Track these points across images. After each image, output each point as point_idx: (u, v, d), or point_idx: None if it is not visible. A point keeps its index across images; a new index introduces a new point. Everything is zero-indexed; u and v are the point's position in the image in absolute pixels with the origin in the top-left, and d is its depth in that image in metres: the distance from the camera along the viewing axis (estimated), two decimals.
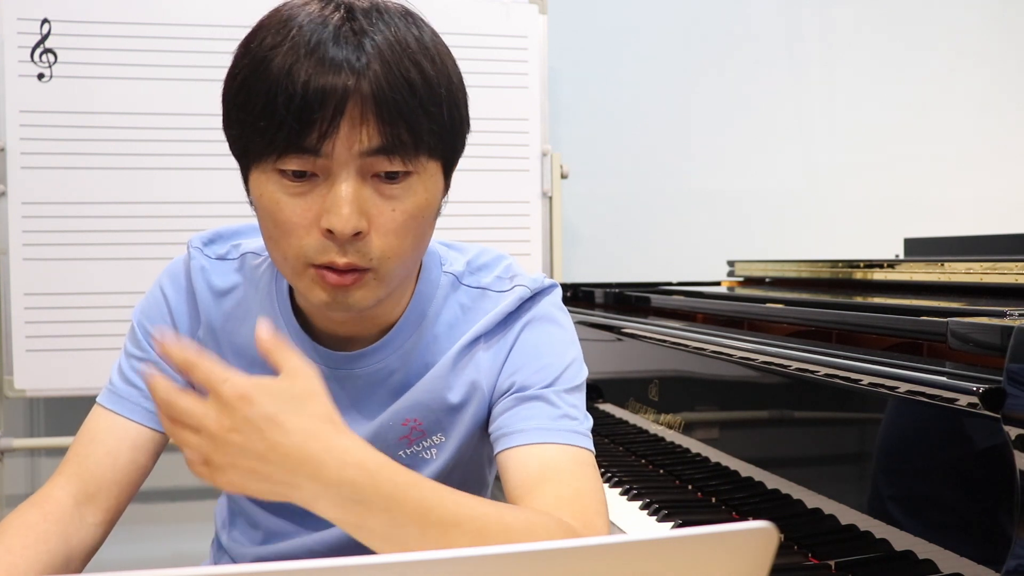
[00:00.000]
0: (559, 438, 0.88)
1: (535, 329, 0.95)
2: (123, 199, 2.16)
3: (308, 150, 0.77)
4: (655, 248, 2.78)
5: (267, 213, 0.82)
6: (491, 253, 1.01)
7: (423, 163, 0.81)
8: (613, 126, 2.75)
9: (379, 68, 0.77)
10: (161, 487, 2.44)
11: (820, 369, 1.08)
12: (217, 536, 1.10)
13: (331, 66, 0.76)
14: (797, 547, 1.08)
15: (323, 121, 0.76)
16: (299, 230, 0.80)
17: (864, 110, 2.90)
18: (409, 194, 0.81)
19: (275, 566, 0.38)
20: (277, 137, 0.77)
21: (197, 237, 0.99)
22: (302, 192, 0.79)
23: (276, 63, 0.77)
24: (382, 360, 0.93)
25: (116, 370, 0.98)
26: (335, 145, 0.77)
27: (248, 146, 0.81)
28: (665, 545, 0.43)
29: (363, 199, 0.79)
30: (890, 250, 2.41)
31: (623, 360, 1.72)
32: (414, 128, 0.79)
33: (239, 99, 0.80)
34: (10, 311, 2.13)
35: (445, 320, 0.95)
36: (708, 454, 1.34)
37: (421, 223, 0.83)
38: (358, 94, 0.76)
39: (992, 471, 0.81)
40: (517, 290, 0.95)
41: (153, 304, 0.98)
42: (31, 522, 0.87)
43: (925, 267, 1.48)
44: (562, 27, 2.62)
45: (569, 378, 0.93)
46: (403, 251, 0.83)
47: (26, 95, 2.13)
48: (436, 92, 0.80)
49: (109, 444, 0.93)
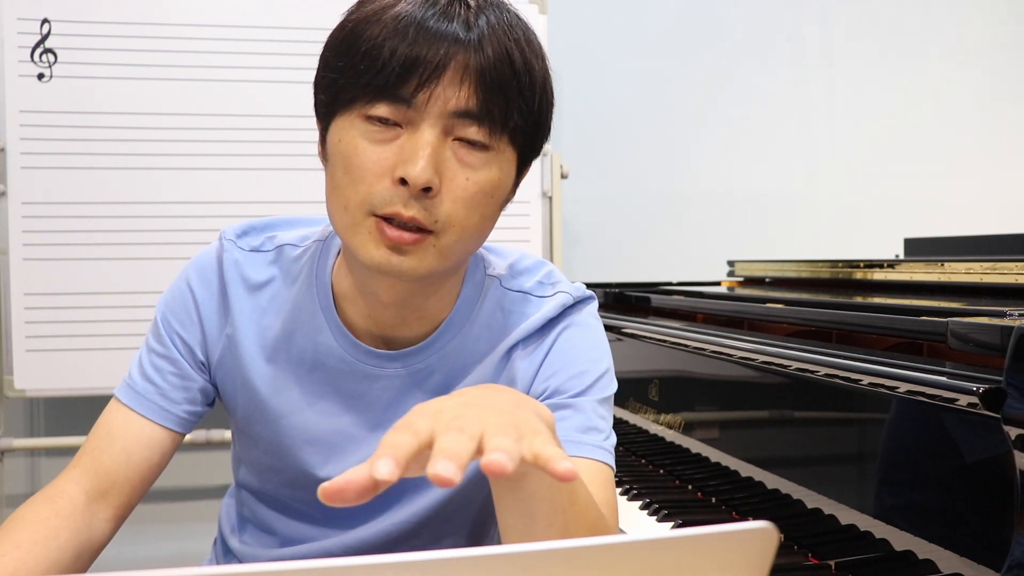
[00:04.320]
0: (582, 451, 0.88)
1: (572, 335, 0.95)
2: (123, 199, 2.16)
3: (402, 99, 0.78)
4: (655, 248, 2.78)
5: (342, 158, 0.81)
6: (532, 258, 1.01)
7: (503, 144, 0.82)
8: (613, 126, 2.75)
9: (487, 38, 0.79)
10: (163, 487, 2.44)
11: (820, 369, 1.08)
12: (224, 539, 1.08)
13: (443, 26, 0.78)
14: (797, 547, 1.08)
15: (425, 71, 0.77)
16: (370, 176, 0.80)
17: (864, 110, 2.90)
18: (485, 168, 0.82)
19: (275, 566, 0.38)
20: (377, 79, 0.78)
21: (230, 229, 0.97)
22: (384, 140, 0.80)
23: (390, 15, 0.79)
24: (424, 360, 0.93)
25: (136, 364, 0.96)
26: (430, 97, 0.78)
27: (340, 92, 0.81)
28: (665, 545, 0.43)
29: (442, 158, 0.80)
30: (890, 250, 2.41)
31: (623, 360, 1.71)
32: (507, 102, 0.81)
33: (344, 44, 0.81)
34: (10, 311, 2.14)
35: (486, 323, 0.94)
36: (708, 454, 1.34)
37: (490, 203, 0.83)
38: (463, 57, 0.78)
39: (992, 471, 0.81)
40: (559, 296, 0.95)
41: (179, 298, 0.96)
42: (42, 517, 0.87)
43: (925, 267, 1.48)
44: (562, 27, 2.62)
45: (602, 388, 0.93)
46: (468, 223, 0.82)
47: (26, 95, 2.13)
48: (533, 79, 0.83)
49: (124, 441, 0.92)
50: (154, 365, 0.95)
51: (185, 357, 0.95)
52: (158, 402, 0.94)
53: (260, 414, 0.95)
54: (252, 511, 1.03)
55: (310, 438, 0.94)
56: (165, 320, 0.96)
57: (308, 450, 0.95)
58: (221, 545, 1.09)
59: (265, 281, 0.95)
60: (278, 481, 0.99)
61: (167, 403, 0.94)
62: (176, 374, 0.95)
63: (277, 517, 1.01)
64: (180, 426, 0.96)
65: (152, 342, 0.97)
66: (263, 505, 1.02)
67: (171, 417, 0.94)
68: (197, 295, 0.95)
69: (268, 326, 0.94)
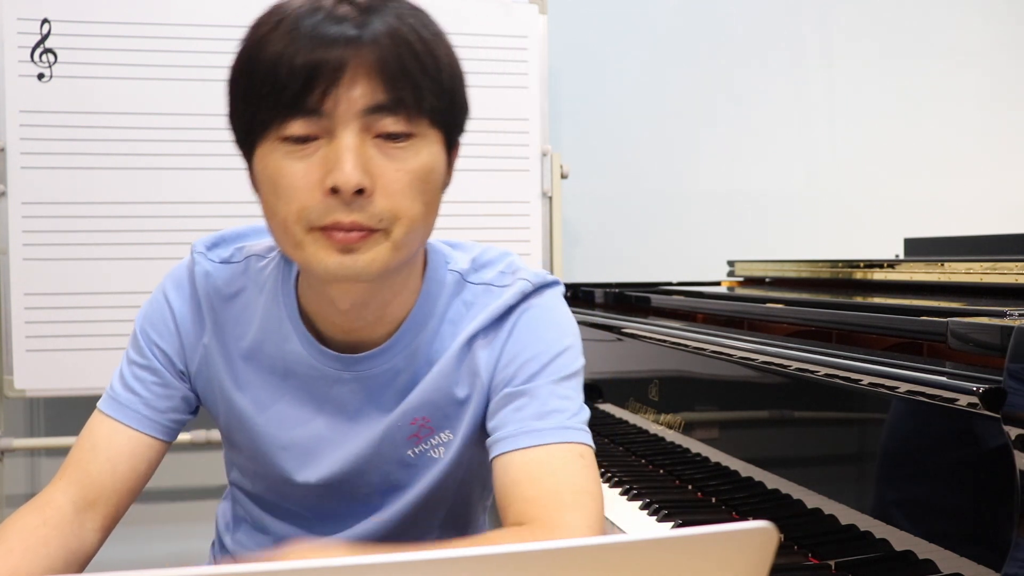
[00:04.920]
0: (542, 439, 0.86)
1: (531, 318, 0.93)
2: (123, 199, 2.16)
3: (311, 111, 0.78)
4: (655, 248, 2.78)
5: (270, 183, 0.81)
6: (495, 250, 1.00)
7: (425, 127, 0.82)
8: (613, 126, 2.75)
9: (381, 30, 0.78)
10: (161, 487, 2.44)
11: (820, 369, 1.08)
12: (219, 538, 1.10)
13: (333, 28, 0.77)
14: (797, 547, 1.08)
15: (324, 79, 0.77)
16: (301, 193, 0.79)
17: (864, 110, 2.90)
18: (413, 155, 0.81)
19: (275, 565, 0.38)
20: (281, 100, 0.78)
21: (200, 241, 0.98)
22: (306, 155, 0.79)
23: (279, 32, 0.78)
24: (390, 360, 0.93)
25: (117, 376, 0.97)
26: (337, 103, 0.78)
27: (252, 122, 0.81)
28: (665, 545, 0.43)
29: (367, 157, 0.79)
30: (890, 250, 2.41)
31: (623, 360, 1.72)
32: (416, 87, 0.80)
33: (243, 78, 0.81)
34: (10, 311, 2.13)
35: (450, 318, 0.94)
36: (708, 454, 1.34)
37: (427, 188, 0.83)
38: (360, 54, 0.78)
39: (992, 471, 0.81)
40: (519, 284, 0.94)
41: (156, 310, 0.97)
42: (32, 526, 0.87)
43: (925, 267, 1.48)
44: (562, 27, 2.62)
45: (561, 366, 0.91)
46: (413, 214, 0.82)
47: (26, 95, 2.13)
48: (437, 57, 0.82)
49: (109, 451, 0.93)
50: (136, 376, 0.96)
51: (166, 367, 0.96)
52: (142, 411, 0.94)
53: (238, 422, 0.96)
54: (246, 511, 1.04)
55: (286, 444, 0.95)
56: (144, 332, 0.97)
57: (284, 456, 0.96)
58: (218, 544, 1.10)
59: (236, 292, 0.95)
60: (263, 485, 1.00)
61: (151, 412, 0.95)
62: (158, 383, 0.96)
63: (268, 517, 1.01)
64: (165, 434, 0.96)
65: (132, 354, 0.97)
66: (255, 505, 1.03)
67: (156, 425, 0.95)
68: (174, 306, 0.96)
69: (240, 336, 0.95)
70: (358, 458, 0.94)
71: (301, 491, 0.96)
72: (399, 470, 0.96)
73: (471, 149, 0.91)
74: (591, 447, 0.89)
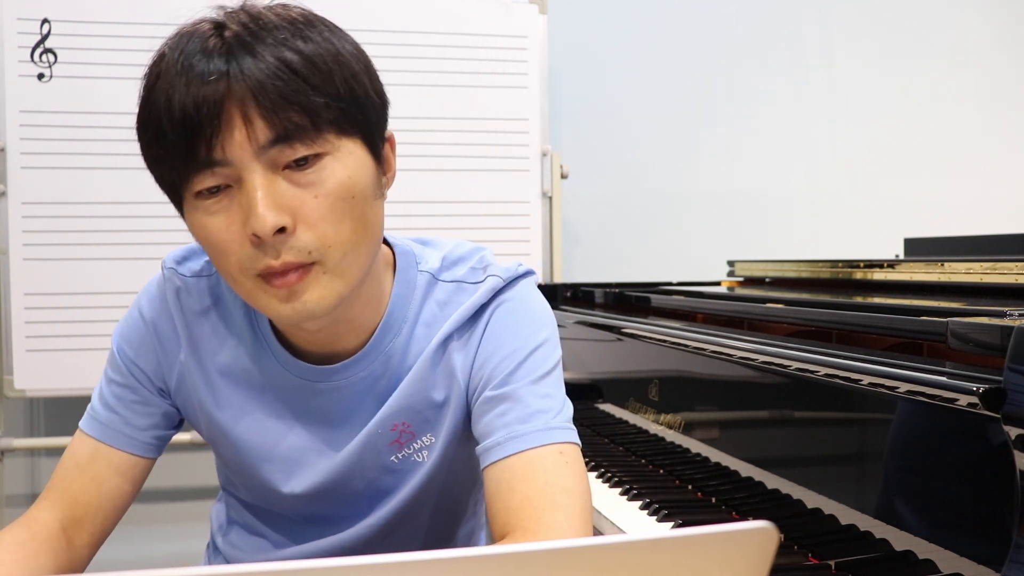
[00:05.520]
0: (529, 442, 0.85)
1: (503, 313, 0.92)
2: (123, 199, 2.16)
3: (207, 163, 0.76)
4: (655, 248, 2.78)
5: (203, 241, 0.80)
6: (467, 246, 0.98)
7: (332, 142, 0.78)
8: (613, 126, 2.75)
9: (251, 61, 0.75)
10: (160, 487, 2.44)
11: (820, 369, 1.08)
12: (214, 540, 1.10)
13: (202, 77, 0.75)
14: (797, 547, 1.08)
15: (207, 129, 0.74)
16: (231, 246, 0.78)
17: (864, 110, 2.90)
18: (328, 175, 0.78)
19: (275, 566, 0.38)
20: (177, 161, 0.76)
21: (170, 256, 0.97)
22: (222, 207, 0.78)
23: (155, 95, 0.77)
24: (366, 368, 0.92)
25: (97, 395, 0.96)
26: (226, 150, 0.75)
27: (163, 184, 0.81)
28: (665, 545, 0.43)
29: (279, 194, 0.76)
30: (890, 250, 2.41)
31: (623, 360, 1.71)
32: (306, 108, 0.76)
33: (141, 140, 0.81)
34: (10, 311, 2.14)
35: (424, 320, 0.93)
36: (708, 454, 1.34)
37: (354, 205, 0.80)
38: (234, 93, 0.74)
39: (992, 471, 0.81)
40: (490, 280, 0.93)
41: (132, 328, 0.97)
42: (21, 540, 0.87)
43: (925, 267, 1.48)
44: (562, 27, 2.62)
45: (537, 363, 0.89)
46: (343, 238, 0.79)
47: (26, 95, 2.13)
48: (321, 68, 0.77)
49: (93, 471, 0.92)
50: (115, 395, 0.95)
51: (144, 384, 0.95)
52: (123, 430, 0.94)
53: (221, 437, 0.96)
54: (239, 513, 1.04)
55: (269, 456, 0.95)
56: (121, 350, 0.96)
57: (268, 468, 0.95)
58: (212, 546, 1.10)
59: (208, 307, 0.94)
60: (251, 494, 1.00)
61: (132, 430, 0.94)
62: (138, 401, 0.95)
63: (260, 521, 1.01)
64: (148, 451, 0.96)
65: (111, 373, 0.96)
66: (246, 510, 1.03)
67: (138, 444, 0.95)
68: (149, 323, 0.96)
69: (215, 351, 0.94)
70: (342, 467, 0.94)
71: (289, 500, 0.96)
72: (384, 476, 0.95)
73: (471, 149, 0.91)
74: (576, 444, 0.88)
